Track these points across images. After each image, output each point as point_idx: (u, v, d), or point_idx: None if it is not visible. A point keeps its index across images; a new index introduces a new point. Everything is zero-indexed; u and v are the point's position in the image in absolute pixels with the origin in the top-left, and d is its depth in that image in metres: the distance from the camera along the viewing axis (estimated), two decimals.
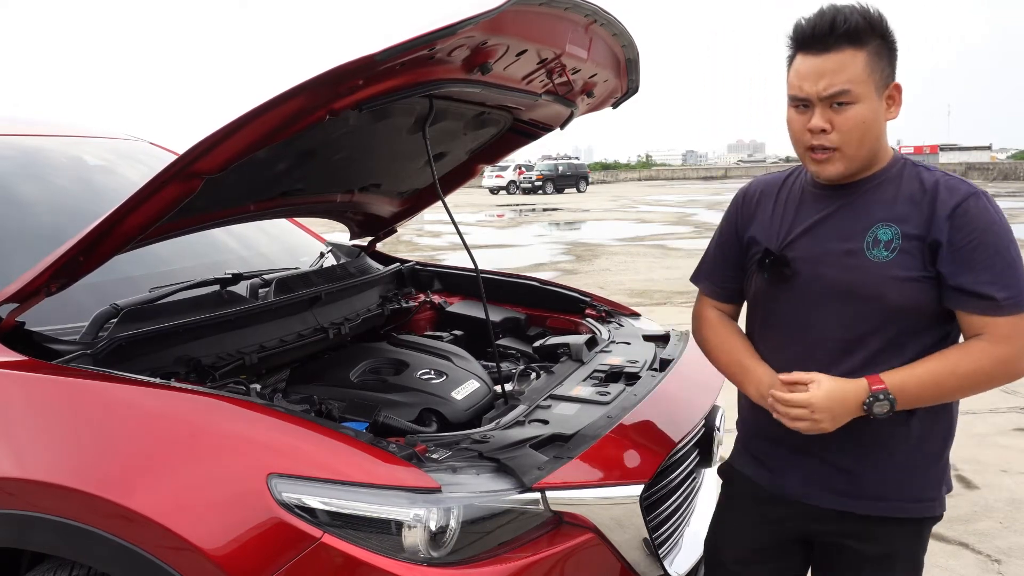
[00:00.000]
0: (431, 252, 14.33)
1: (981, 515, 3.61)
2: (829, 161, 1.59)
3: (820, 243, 1.64)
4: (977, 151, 77.11)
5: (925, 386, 1.54)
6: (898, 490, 1.64)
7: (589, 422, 1.94)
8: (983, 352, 1.54)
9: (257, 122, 1.68)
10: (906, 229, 1.56)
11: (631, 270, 11.60)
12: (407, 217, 3.23)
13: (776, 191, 1.77)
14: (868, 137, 1.57)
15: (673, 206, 26.36)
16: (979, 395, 1.63)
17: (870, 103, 1.55)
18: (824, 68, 1.54)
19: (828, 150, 1.58)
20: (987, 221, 1.53)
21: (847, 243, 1.61)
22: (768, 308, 1.74)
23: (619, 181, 57.14)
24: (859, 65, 1.53)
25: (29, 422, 1.70)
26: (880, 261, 1.57)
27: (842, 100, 1.54)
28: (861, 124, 1.55)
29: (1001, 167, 47.94)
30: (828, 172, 1.60)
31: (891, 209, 1.59)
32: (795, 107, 1.61)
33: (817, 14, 1.56)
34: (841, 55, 1.53)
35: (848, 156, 1.57)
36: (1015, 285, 1.52)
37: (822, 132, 1.56)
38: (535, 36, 1.95)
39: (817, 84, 1.54)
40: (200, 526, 1.51)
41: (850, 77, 1.53)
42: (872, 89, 1.55)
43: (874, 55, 1.54)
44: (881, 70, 1.56)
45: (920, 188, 1.59)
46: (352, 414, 2.01)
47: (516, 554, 1.61)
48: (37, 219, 2.48)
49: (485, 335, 2.46)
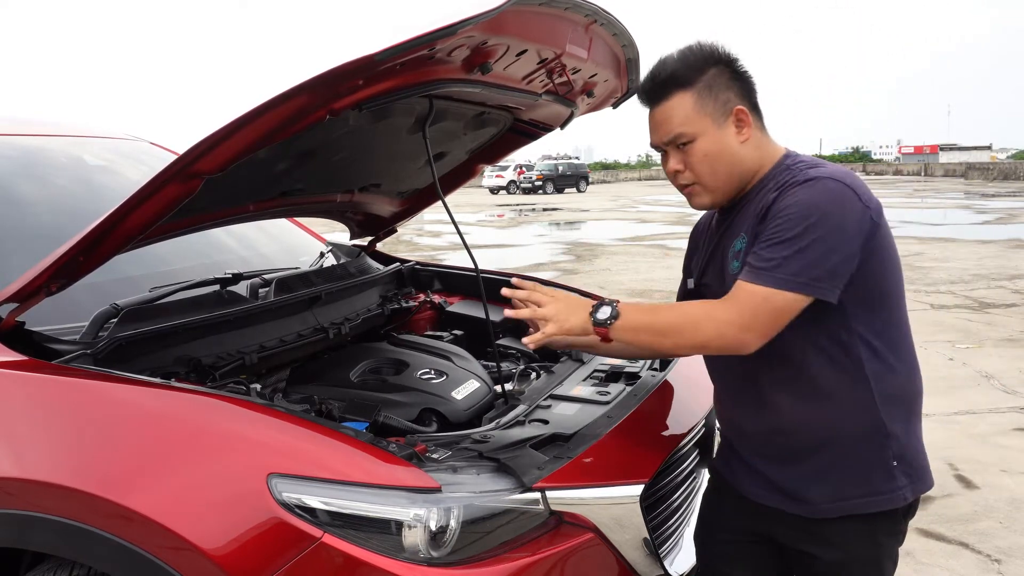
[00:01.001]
0: (431, 252, 14.33)
1: (981, 515, 3.62)
2: (695, 194, 1.71)
3: (714, 266, 1.75)
4: (977, 151, 77.08)
5: (642, 310, 1.62)
6: (828, 490, 1.63)
7: (589, 422, 1.94)
8: (704, 304, 1.62)
9: (257, 122, 1.68)
10: (749, 236, 1.62)
11: (631, 270, 11.61)
12: (407, 217, 3.23)
13: (705, 226, 1.88)
14: (720, 166, 1.66)
15: (673, 206, 26.36)
16: (978, 395, 1.62)
17: (710, 135, 1.64)
18: (660, 118, 1.68)
19: (690, 185, 1.70)
20: (790, 203, 1.54)
21: (724, 261, 1.71)
22: None
23: (619, 181, 57.15)
24: (687, 106, 1.64)
25: (29, 422, 1.71)
26: (734, 272, 1.63)
27: (683, 141, 1.66)
28: (707, 157, 1.65)
29: (1001, 167, 47.94)
30: (698, 203, 1.73)
31: (745, 220, 1.66)
32: (660, 152, 1.74)
33: (648, 71, 1.70)
34: (669, 102, 1.65)
35: (708, 187, 1.69)
36: (770, 260, 1.52)
37: (677, 172, 1.70)
38: (535, 36, 1.95)
39: (658, 133, 1.69)
40: (200, 526, 1.51)
41: (680, 121, 1.64)
42: (708, 123, 1.64)
43: (704, 90, 1.63)
44: (715, 100, 1.64)
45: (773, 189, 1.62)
46: (352, 414, 2.01)
47: (516, 554, 1.61)
48: (37, 219, 2.48)
49: (485, 335, 2.46)
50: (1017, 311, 8.22)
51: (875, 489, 1.63)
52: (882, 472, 1.63)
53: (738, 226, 1.68)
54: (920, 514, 1.72)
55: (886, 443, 1.62)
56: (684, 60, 1.65)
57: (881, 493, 1.63)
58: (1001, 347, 6.68)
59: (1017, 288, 9.60)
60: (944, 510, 3.66)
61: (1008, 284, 9.85)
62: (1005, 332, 7.22)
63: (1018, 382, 5.61)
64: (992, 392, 5.41)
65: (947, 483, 3.96)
